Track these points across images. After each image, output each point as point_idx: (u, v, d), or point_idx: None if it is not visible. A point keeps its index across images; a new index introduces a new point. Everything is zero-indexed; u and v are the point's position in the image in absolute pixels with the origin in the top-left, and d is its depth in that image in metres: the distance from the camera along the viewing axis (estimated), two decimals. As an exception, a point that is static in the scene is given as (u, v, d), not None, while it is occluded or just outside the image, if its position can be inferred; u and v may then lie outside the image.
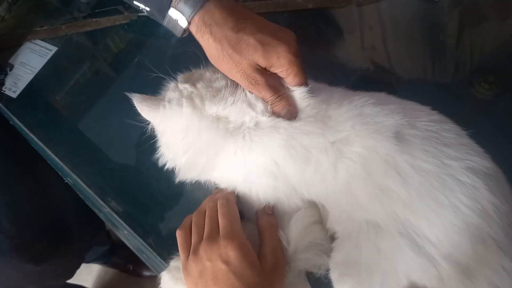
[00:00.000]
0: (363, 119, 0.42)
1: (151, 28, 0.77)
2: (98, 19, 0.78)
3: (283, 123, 0.44)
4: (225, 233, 0.43)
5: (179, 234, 0.47)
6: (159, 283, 0.51)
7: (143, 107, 0.50)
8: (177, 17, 0.43)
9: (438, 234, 0.37)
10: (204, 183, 0.54)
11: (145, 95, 0.51)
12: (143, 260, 0.60)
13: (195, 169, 0.49)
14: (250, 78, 0.44)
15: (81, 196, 0.64)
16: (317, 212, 0.47)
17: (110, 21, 0.78)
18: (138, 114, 0.58)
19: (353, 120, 0.42)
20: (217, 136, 0.45)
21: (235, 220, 0.45)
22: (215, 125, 0.45)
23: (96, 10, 0.80)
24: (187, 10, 0.42)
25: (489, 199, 0.36)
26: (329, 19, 0.75)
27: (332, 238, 0.46)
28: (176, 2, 0.42)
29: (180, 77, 0.52)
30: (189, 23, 0.43)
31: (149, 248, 0.57)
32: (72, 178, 0.63)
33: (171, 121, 0.49)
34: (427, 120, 0.41)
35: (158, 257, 0.56)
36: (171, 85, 0.51)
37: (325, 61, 0.70)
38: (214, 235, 0.43)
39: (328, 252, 0.45)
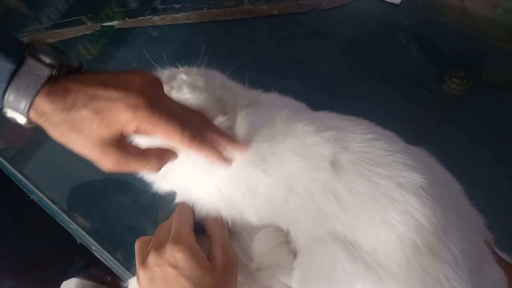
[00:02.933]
0: (305, 152, 0.44)
1: (115, 38, 0.76)
2: (60, 30, 0.77)
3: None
4: (173, 237, 0.42)
5: (136, 245, 0.46)
6: None
7: None
8: (14, 116, 0.36)
9: (373, 246, 0.39)
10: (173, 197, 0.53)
11: None
12: (116, 273, 0.59)
13: None
14: (108, 158, 0.37)
15: (48, 212, 0.63)
16: (283, 233, 0.48)
17: (73, 32, 0.76)
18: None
19: (300, 156, 0.44)
20: None
21: (185, 224, 0.44)
22: None
23: (59, 21, 0.78)
24: (21, 105, 0.35)
25: (422, 210, 0.39)
26: (294, 24, 0.75)
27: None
28: (9, 99, 0.35)
29: (164, 73, 0.52)
30: (27, 118, 0.36)
31: (117, 263, 0.56)
32: (37, 195, 0.62)
33: None
34: (360, 141, 0.43)
35: (127, 272, 0.56)
36: None
37: (293, 65, 0.71)
38: (163, 242, 0.42)
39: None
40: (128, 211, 0.60)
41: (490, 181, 0.56)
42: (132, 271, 0.56)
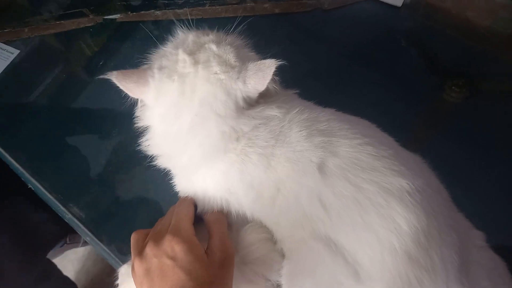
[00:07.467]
0: (296, 157, 0.44)
1: (116, 31, 0.76)
2: (62, 21, 0.77)
3: (239, 147, 0.45)
4: (172, 229, 0.42)
5: (132, 237, 0.46)
6: (117, 279, 0.51)
7: (128, 84, 0.45)
8: None
9: (354, 246, 0.41)
10: (171, 189, 0.53)
11: (124, 70, 0.45)
12: (110, 264, 0.59)
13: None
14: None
15: (44, 201, 0.63)
16: (267, 229, 0.48)
17: (74, 24, 0.77)
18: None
19: (290, 161, 0.44)
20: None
21: (185, 217, 0.44)
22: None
23: (61, 13, 0.78)
24: None
25: (404, 215, 0.40)
26: (296, 23, 0.76)
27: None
28: None
29: (188, 39, 0.47)
30: None
31: (112, 254, 0.56)
32: (33, 184, 0.62)
33: (161, 92, 0.45)
34: (348, 146, 0.43)
35: (121, 263, 0.55)
36: (169, 48, 0.46)
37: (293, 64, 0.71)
38: (162, 233, 0.43)
39: (279, 270, 0.47)
40: (125, 203, 0.60)
41: (487, 189, 0.56)
42: (126, 262, 0.55)
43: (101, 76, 0.44)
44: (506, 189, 0.56)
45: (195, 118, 0.44)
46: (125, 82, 0.45)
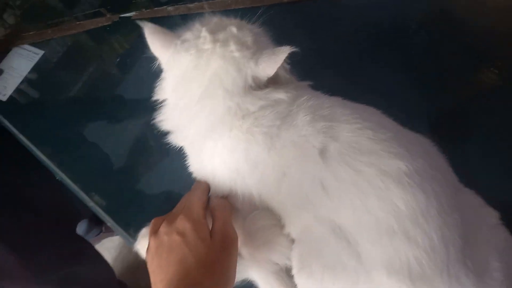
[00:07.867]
0: (301, 141, 0.46)
1: (132, 29, 0.80)
2: (81, 22, 0.81)
3: (245, 125, 0.47)
4: (185, 210, 0.46)
5: (151, 222, 0.49)
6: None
7: (155, 41, 0.48)
8: None
9: (355, 228, 0.42)
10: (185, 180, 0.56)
11: (158, 27, 0.48)
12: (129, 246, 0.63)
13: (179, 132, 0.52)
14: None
15: (71, 190, 0.67)
16: (274, 216, 0.50)
17: (93, 24, 0.81)
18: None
19: (295, 146, 0.46)
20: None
21: (198, 202, 0.47)
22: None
23: (80, 14, 0.83)
24: None
25: (402, 196, 0.40)
26: (304, 11, 0.76)
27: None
28: None
29: (212, 20, 0.50)
30: None
31: (130, 238, 0.60)
32: (59, 175, 0.67)
33: (176, 64, 0.48)
34: (348, 130, 0.45)
35: (139, 247, 0.59)
36: (197, 25, 0.49)
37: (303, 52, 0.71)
38: (176, 215, 0.46)
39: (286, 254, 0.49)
40: (141, 192, 0.64)
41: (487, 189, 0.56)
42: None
43: (138, 21, 0.49)
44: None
45: (204, 91, 0.47)
46: (154, 37, 0.48)
